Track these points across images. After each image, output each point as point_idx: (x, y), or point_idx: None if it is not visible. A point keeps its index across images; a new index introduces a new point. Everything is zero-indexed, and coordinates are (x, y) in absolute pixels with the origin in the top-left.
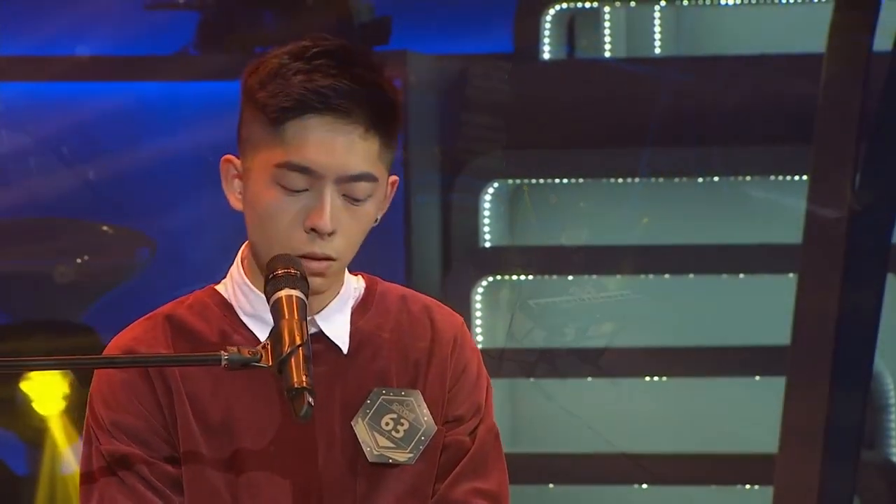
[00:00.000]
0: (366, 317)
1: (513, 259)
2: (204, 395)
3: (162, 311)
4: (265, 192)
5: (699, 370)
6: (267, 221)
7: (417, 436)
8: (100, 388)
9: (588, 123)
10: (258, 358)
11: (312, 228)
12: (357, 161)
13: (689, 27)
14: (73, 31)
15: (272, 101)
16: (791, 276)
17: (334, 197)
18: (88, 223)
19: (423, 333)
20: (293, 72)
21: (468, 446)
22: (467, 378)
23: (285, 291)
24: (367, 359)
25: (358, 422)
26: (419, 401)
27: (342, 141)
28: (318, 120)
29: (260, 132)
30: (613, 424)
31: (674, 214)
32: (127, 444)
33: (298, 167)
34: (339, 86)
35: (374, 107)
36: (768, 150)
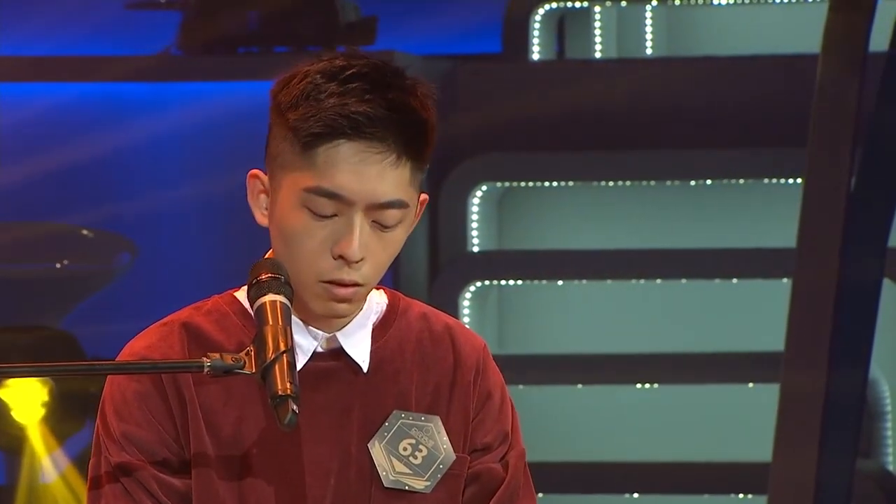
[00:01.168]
0: (387, 335)
1: (501, 264)
2: (216, 406)
3: (179, 318)
4: (293, 215)
5: (691, 377)
6: (293, 245)
7: (436, 464)
8: (112, 396)
9: (578, 125)
10: (241, 365)
11: (341, 256)
12: (388, 188)
13: (682, 27)
14: (52, 31)
15: (304, 124)
16: (785, 282)
17: (363, 224)
18: (68, 227)
19: (444, 356)
20: (326, 94)
21: (501, 476)
22: (492, 405)
23: (269, 296)
24: (387, 379)
25: (375, 444)
26: (439, 427)
27: (374, 168)
28: (350, 146)
29: (290, 152)
30: (603, 432)
31: (665, 218)
32: (137, 457)
33: (328, 193)
34: (372, 112)
35: (407, 132)
36: (762, 153)
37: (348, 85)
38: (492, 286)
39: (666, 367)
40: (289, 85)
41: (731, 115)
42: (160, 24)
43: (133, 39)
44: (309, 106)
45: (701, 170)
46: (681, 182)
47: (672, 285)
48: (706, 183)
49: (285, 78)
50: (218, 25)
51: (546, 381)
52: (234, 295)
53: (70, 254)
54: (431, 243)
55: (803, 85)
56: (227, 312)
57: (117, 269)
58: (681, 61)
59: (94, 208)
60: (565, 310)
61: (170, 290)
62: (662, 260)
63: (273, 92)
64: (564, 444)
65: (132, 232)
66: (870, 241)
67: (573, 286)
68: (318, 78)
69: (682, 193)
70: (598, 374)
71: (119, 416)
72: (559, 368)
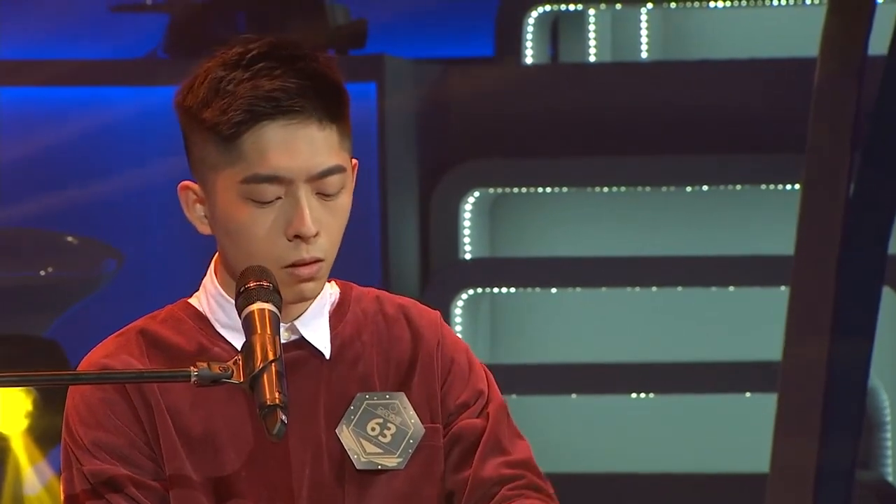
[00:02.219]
0: (343, 321)
1: (494, 271)
2: (184, 408)
3: (135, 327)
4: (236, 211)
5: (687, 386)
6: (244, 239)
7: (406, 439)
8: (76, 407)
9: (572, 130)
10: (229, 374)
11: (296, 235)
12: (322, 156)
13: (678, 30)
14: (34, 34)
15: (222, 117)
16: (783, 290)
17: (309, 198)
18: (53, 233)
19: (401, 334)
20: (235, 82)
21: (482, 426)
22: (459, 368)
23: (257, 305)
24: (348, 364)
25: (343, 429)
26: (405, 403)
27: (303, 140)
28: (274, 125)
29: (215, 152)
30: (598, 443)
31: (661, 225)
32: (110, 462)
33: (266, 178)
34: (286, 85)
35: (324, 97)
36: (759, 158)
37: (253, 67)
38: (484, 294)
39: (661, 376)
40: (193, 88)
41: (728, 120)
42: (146, 26)
43: (118, 42)
44: (221, 100)
45: (697, 175)
46: (676, 188)
47: (668, 293)
48: (702, 189)
49: (187, 83)
50: (205, 28)
51: (539, 390)
52: (188, 301)
53: (54, 261)
54: (422, 250)
55: (801, 89)
56: (181, 318)
57: (103, 277)
58: (677, 65)
59: (79, 215)
60: (559, 318)
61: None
62: (658, 267)
63: (178, 101)
64: (558, 455)
65: (118, 239)
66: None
67: (567, 294)
68: (220, 71)
69: (678, 199)
70: (592, 383)
71: (86, 425)
72: (552, 378)
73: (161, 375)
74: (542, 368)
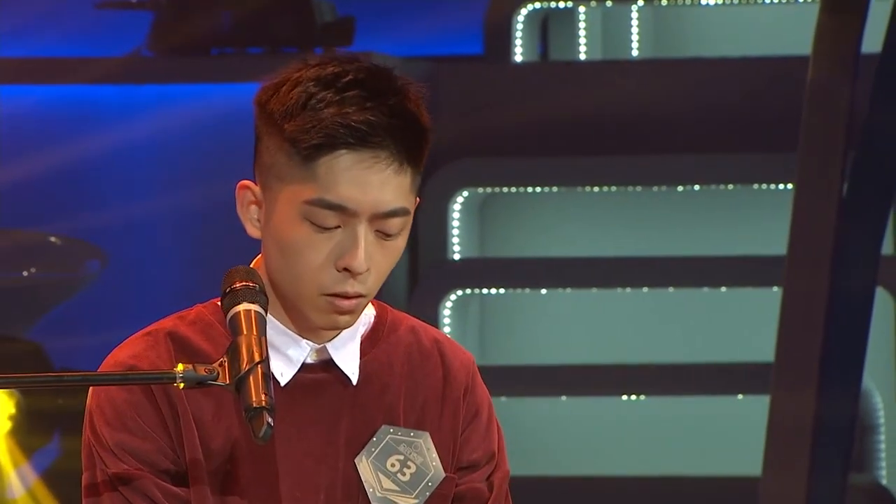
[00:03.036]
0: (376, 348)
1: (483, 272)
2: (206, 417)
3: (163, 327)
4: (293, 229)
5: (679, 388)
6: (295, 258)
7: (424, 481)
8: (100, 406)
9: (562, 129)
10: (215, 376)
11: (346, 268)
12: (391, 197)
13: (669, 28)
14: (17, 31)
15: (303, 135)
16: (776, 290)
17: (367, 234)
18: (35, 234)
19: (433, 371)
20: (324, 104)
21: (486, 496)
22: (479, 422)
23: (244, 306)
24: (375, 393)
25: (362, 460)
26: (428, 444)
27: (377, 178)
28: (352, 156)
29: (287, 164)
30: (588, 446)
31: (652, 225)
32: (135, 466)
33: (331, 205)
34: (373, 121)
35: (408, 139)
36: (751, 157)
37: (346, 93)
38: (473, 295)
39: (653, 378)
40: (278, 92)
41: (720, 119)
42: (131, 24)
43: (102, 40)
44: (306, 116)
45: (689, 175)
46: (668, 188)
47: (659, 294)
48: (694, 188)
49: (273, 84)
50: (191, 26)
51: (529, 392)
52: (218, 304)
53: (37, 262)
54: (411, 251)
55: (794, 87)
56: (211, 322)
57: (86, 278)
58: (668, 63)
59: (62, 215)
60: (549, 319)
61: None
62: (649, 268)
63: (260, 100)
64: (548, 458)
65: (101, 239)
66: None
67: (557, 295)
68: (311, 86)
69: (669, 199)
70: (582, 385)
71: (111, 427)
72: (543, 380)
73: (146, 377)
74: (531, 370)
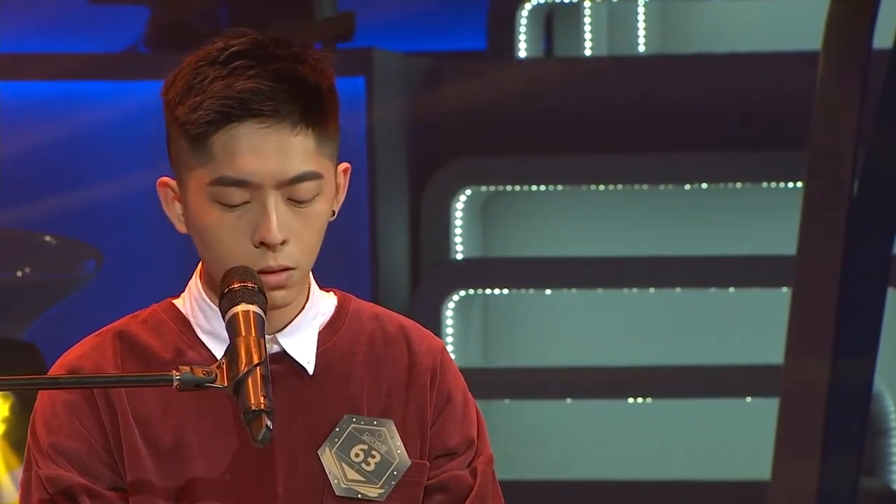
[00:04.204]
0: (336, 337)
1: (486, 272)
2: (153, 416)
3: (113, 327)
4: (206, 214)
5: (686, 391)
6: (214, 243)
7: (389, 470)
8: (42, 408)
9: (567, 126)
10: (213, 378)
11: (262, 242)
12: (294, 162)
13: (676, 23)
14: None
15: (192, 116)
16: (784, 291)
17: (278, 204)
18: (29, 233)
19: (398, 357)
20: (209, 80)
21: (470, 483)
22: (453, 408)
23: (242, 307)
24: (335, 382)
25: (325, 451)
26: (392, 432)
27: (273, 144)
28: (243, 127)
29: (186, 150)
30: (593, 449)
31: (658, 224)
32: (66, 468)
33: (233, 181)
34: (259, 87)
35: (300, 101)
36: (760, 156)
37: (230, 65)
38: (476, 295)
39: (659, 380)
40: (174, 81)
41: (728, 116)
42: (126, 19)
43: (98, 36)
44: (192, 98)
45: (696, 173)
46: (675, 186)
47: (665, 294)
48: (701, 187)
49: (171, 76)
50: (187, 21)
51: (533, 395)
52: (173, 302)
53: (32, 261)
54: (413, 250)
55: (803, 84)
56: (163, 319)
57: (82, 278)
58: (675, 59)
59: (57, 213)
60: (553, 320)
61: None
62: (655, 268)
63: (162, 92)
64: (552, 462)
65: (96, 238)
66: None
67: (561, 295)
68: (199, 65)
69: (676, 198)
70: (587, 388)
71: (48, 429)
72: (547, 382)
73: (143, 379)
74: (535, 372)
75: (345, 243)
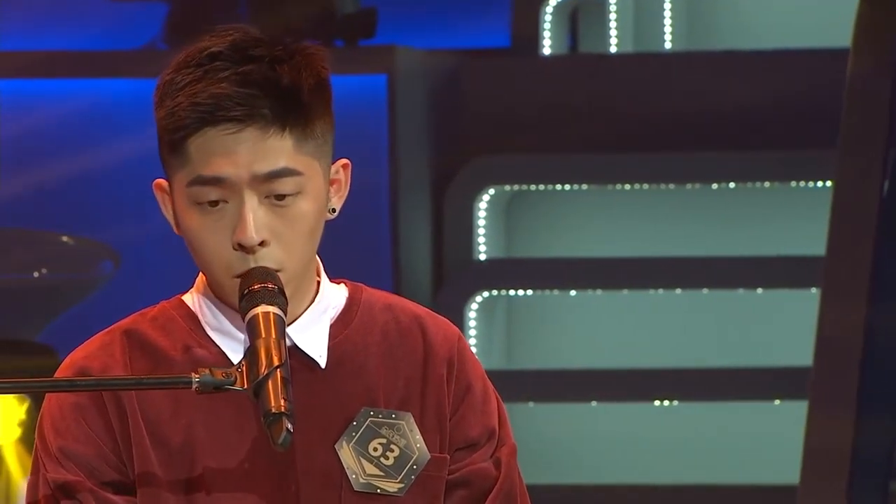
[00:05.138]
0: (348, 329)
1: (510, 272)
2: (163, 416)
3: (121, 325)
4: (188, 217)
5: (713, 393)
6: (199, 246)
7: (409, 464)
8: (50, 411)
9: (592, 124)
10: (232, 381)
11: (239, 244)
12: (269, 158)
13: (703, 19)
14: (31, 24)
15: (167, 121)
16: (814, 291)
17: (255, 204)
18: (47, 233)
19: (414, 348)
20: (182, 85)
21: (494, 475)
22: (473, 398)
23: (262, 308)
24: (349, 375)
25: (343, 445)
26: (411, 425)
27: (245, 146)
28: (215, 131)
29: (168, 154)
30: (619, 453)
31: (686, 224)
32: (74, 472)
33: (207, 180)
34: (228, 92)
35: (272, 104)
36: (789, 154)
37: (204, 67)
38: (500, 296)
39: (686, 382)
40: (159, 86)
41: (756, 114)
42: (145, 16)
43: (117, 33)
44: (167, 103)
45: (724, 172)
46: (702, 185)
47: (693, 295)
48: (729, 186)
49: (159, 78)
50: (207, 18)
51: (558, 398)
52: (182, 298)
53: (49, 262)
54: (435, 251)
55: (833, 81)
56: (172, 317)
57: (99, 279)
58: (702, 56)
59: (74, 213)
60: (578, 322)
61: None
62: (682, 269)
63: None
64: (577, 466)
65: (115, 239)
66: None
67: (587, 296)
68: (178, 67)
69: (704, 197)
70: (613, 390)
71: (56, 432)
72: (572, 384)
73: (161, 382)
74: (560, 374)
75: (365, 244)
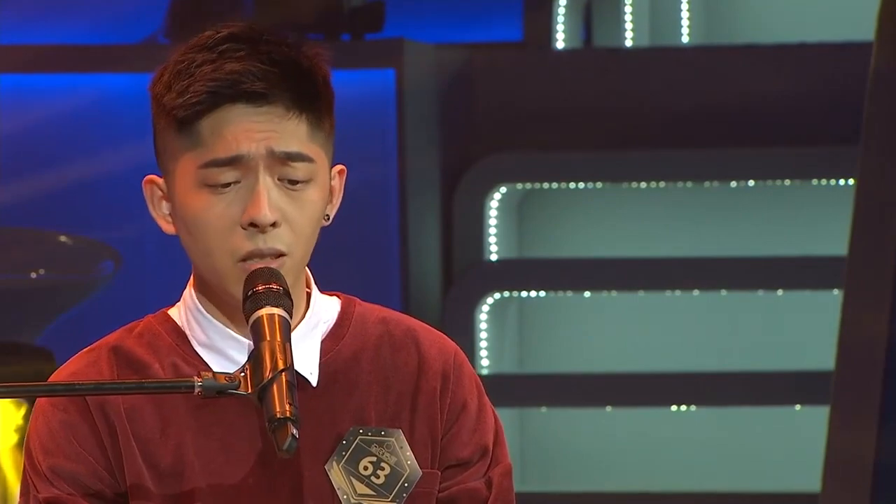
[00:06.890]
0: (340, 345)
1: (522, 273)
2: (153, 436)
3: (107, 342)
4: (192, 199)
5: (732, 398)
6: (199, 229)
7: (400, 482)
8: (37, 430)
9: (606, 121)
10: (236, 385)
11: (251, 223)
12: (285, 139)
13: (721, 12)
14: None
15: (181, 99)
16: (836, 293)
17: (269, 182)
18: (45, 233)
19: (407, 361)
20: (198, 64)
21: (484, 495)
22: (467, 416)
23: (266, 310)
24: (341, 393)
25: (333, 465)
26: (401, 441)
27: (264, 124)
28: (234, 109)
29: (176, 137)
30: (635, 459)
31: (703, 223)
32: (67, 491)
33: (223, 161)
34: (249, 68)
35: (292, 84)
36: (810, 151)
37: (219, 48)
38: (511, 298)
39: (704, 387)
40: (162, 75)
41: (776, 110)
42: (146, 9)
43: (116, 26)
44: (182, 82)
45: (742, 170)
46: (720, 183)
47: (710, 297)
48: (748, 184)
49: (159, 70)
50: (209, 11)
51: (572, 402)
52: (168, 313)
53: (47, 263)
54: (445, 251)
55: (855, 75)
56: (158, 332)
57: (99, 280)
58: (721, 50)
59: (73, 212)
60: (592, 324)
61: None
62: (699, 269)
63: (149, 87)
64: (592, 473)
65: (115, 239)
66: None
67: (601, 298)
68: (188, 53)
69: (722, 196)
70: (628, 395)
71: (45, 450)
72: (586, 389)
73: (164, 386)
74: (573, 378)
75: (374, 244)
